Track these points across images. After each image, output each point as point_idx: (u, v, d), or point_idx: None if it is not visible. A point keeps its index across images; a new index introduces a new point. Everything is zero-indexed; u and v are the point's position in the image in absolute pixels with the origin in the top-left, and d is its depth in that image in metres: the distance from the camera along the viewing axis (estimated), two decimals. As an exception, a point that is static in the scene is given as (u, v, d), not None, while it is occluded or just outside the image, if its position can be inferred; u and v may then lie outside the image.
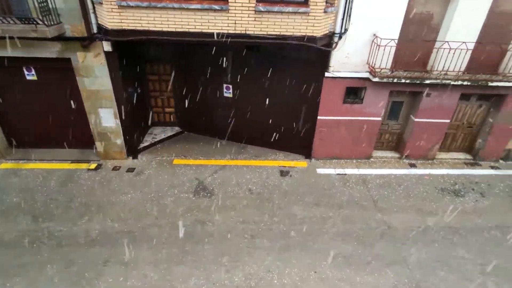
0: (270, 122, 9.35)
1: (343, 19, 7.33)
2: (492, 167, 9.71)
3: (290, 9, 6.34)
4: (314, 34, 6.71)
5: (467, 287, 6.01)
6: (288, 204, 7.82)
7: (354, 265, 6.34)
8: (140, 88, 9.49)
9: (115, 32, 6.67)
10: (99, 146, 8.85)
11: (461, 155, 10.13)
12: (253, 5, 6.28)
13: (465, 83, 8.11)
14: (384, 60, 7.88)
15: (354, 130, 9.15)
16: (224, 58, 8.65)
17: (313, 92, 8.54)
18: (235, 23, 6.50)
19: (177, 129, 10.67)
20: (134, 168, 8.83)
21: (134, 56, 8.85)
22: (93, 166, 8.82)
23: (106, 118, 8.44)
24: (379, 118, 9.04)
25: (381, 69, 7.96)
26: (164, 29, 6.58)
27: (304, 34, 6.65)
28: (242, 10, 6.31)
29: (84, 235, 6.70)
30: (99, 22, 7.05)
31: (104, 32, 6.98)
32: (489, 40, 8.01)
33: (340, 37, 7.60)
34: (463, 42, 7.61)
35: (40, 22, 6.42)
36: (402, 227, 7.32)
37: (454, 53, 7.78)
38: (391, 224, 7.38)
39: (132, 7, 6.34)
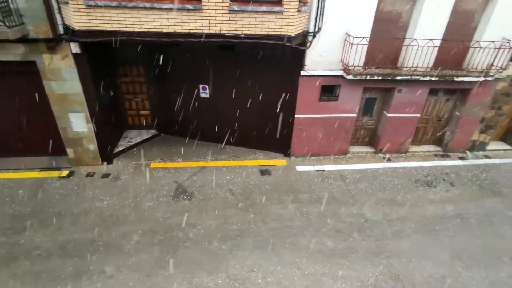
0: (248, 122, 9.34)
1: (316, 18, 7.44)
2: (460, 158, 10.24)
3: (264, 8, 6.35)
4: (289, 33, 6.77)
5: (440, 273, 6.29)
6: (269, 203, 7.85)
7: (336, 259, 6.47)
8: (113, 90, 9.18)
9: (83, 33, 6.40)
10: (71, 152, 8.48)
11: (432, 148, 10.60)
12: (227, 4, 6.23)
13: (433, 78, 8.48)
14: (357, 58, 8.08)
15: (331, 127, 9.33)
16: (200, 59, 8.54)
17: (290, 90, 8.62)
18: (210, 23, 6.42)
19: (153, 131, 10.42)
20: (110, 174, 8.53)
21: (105, 57, 8.55)
22: (65, 173, 8.44)
23: (77, 123, 8.09)
24: (354, 115, 9.27)
25: (354, 66, 8.16)
26: (136, 30, 6.39)
27: (279, 33, 6.69)
28: (216, 9, 6.25)
29: (57, 246, 6.39)
30: (65, 22, 6.73)
31: (72, 33, 6.68)
32: (453, 38, 8.42)
33: (314, 36, 7.71)
34: (430, 40, 7.95)
35: (1, 23, 6.04)
36: (380, 219, 7.55)
37: (422, 50, 8.12)
38: (369, 217, 7.59)
39: (100, 6, 6.10)
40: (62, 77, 7.42)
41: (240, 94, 8.95)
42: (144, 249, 6.42)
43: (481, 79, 8.74)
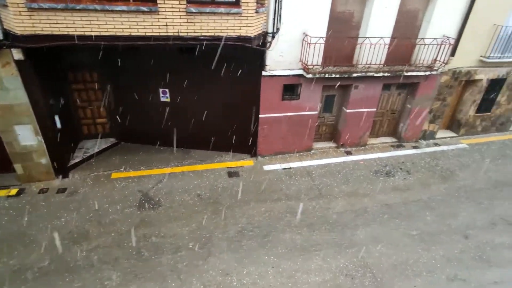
0: (212, 124, 9.22)
1: (274, 19, 7.56)
2: (413, 147, 11.00)
3: (222, 10, 6.30)
4: (248, 34, 6.79)
5: (403, 256, 6.71)
6: (239, 204, 7.83)
7: (308, 253, 6.62)
8: (65, 99, 8.55)
9: (26, 38, 5.88)
10: (19, 168, 7.76)
11: (388, 139, 11.27)
12: (184, 6, 6.09)
13: (386, 74, 9.01)
14: (315, 57, 8.34)
15: (295, 125, 9.54)
16: (158, 62, 8.26)
17: (253, 91, 8.66)
18: (167, 25, 6.24)
19: (112, 140, 9.89)
20: (66, 188, 7.95)
21: (55, 64, 7.94)
22: (13, 191, 7.71)
23: (25, 136, 7.42)
24: (316, 112, 9.56)
25: (313, 65, 8.41)
26: (87, 33, 6.01)
27: (238, 34, 6.69)
28: (173, 11, 6.08)
29: (11, 272, 5.81)
30: (5, 27, 6.14)
31: (13, 39, 6.10)
32: (401, 35, 9.02)
33: (273, 37, 7.82)
34: (381, 38, 8.44)
35: None
36: (346, 211, 7.87)
37: (374, 48, 8.58)
38: (336, 209, 7.88)
39: (45, 9, 5.65)
40: (4, 86, 6.76)
41: (202, 96, 8.81)
42: (112, 264, 6.07)
43: (427, 73, 9.45)
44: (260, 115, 9.04)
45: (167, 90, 8.87)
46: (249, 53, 7.88)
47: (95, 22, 5.91)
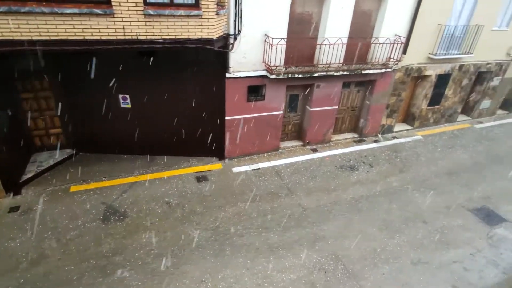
0: (177, 129, 9.00)
1: (235, 20, 7.55)
2: (374, 141, 11.57)
3: (182, 12, 6.17)
4: (210, 36, 6.71)
5: (371, 245, 7.02)
6: (210, 209, 7.71)
7: (281, 252, 6.69)
8: (12, 109, 7.85)
9: (-37, 45, 5.32)
10: (-38, 188, 7.02)
11: (350, 135, 11.75)
12: (142, 8, 5.88)
13: (345, 73, 9.38)
14: (278, 58, 8.46)
15: (261, 126, 9.60)
16: (117, 67, 7.87)
17: (217, 93, 8.58)
18: (124, 28, 5.97)
19: (69, 151, 9.26)
20: (19, 206, 7.32)
21: (-4, 71, 7.28)
22: (-44, 214, 6.95)
23: (-33, 152, 6.73)
24: (281, 112, 9.70)
25: (276, 66, 8.53)
26: (35, 38, 5.56)
27: (200, 36, 6.58)
28: (129, 14, 5.83)
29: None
30: None
31: None
32: (357, 35, 9.45)
33: (235, 38, 7.81)
34: (339, 38, 8.77)
35: None
36: (315, 206, 8.07)
37: (333, 48, 8.90)
38: (305, 206, 8.05)
39: (-16, 12, 5.15)
40: None
41: (166, 101, 8.56)
42: (78, 284, 5.68)
43: (383, 70, 9.99)
44: (226, 117, 8.98)
45: (127, 96, 8.50)
46: (211, 55, 7.80)
47: (43, 26, 5.49)
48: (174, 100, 8.57)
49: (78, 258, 6.17)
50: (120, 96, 8.48)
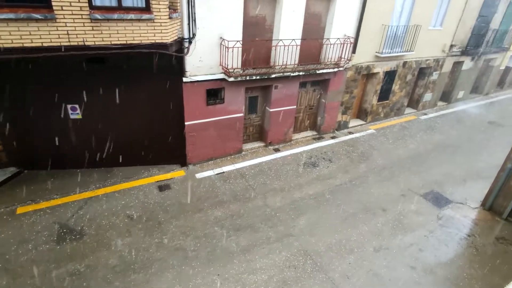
0: (135, 138, 8.62)
1: (189, 24, 7.42)
2: (332, 137, 12.06)
3: (132, 16, 5.92)
4: (164, 41, 6.53)
5: (336, 237, 7.31)
6: (175, 218, 7.48)
7: (251, 254, 6.69)
8: None
9: None
10: None
11: (309, 133, 12.13)
12: (87, 12, 5.54)
13: (301, 73, 9.67)
14: (235, 60, 8.47)
15: (222, 129, 9.54)
16: (64, 75, 7.33)
17: (175, 98, 8.37)
18: (68, 34, 5.58)
19: (12, 169, 8.42)
20: (-45, 236, 6.50)
21: None
22: None
23: None
24: (242, 114, 9.73)
25: (234, 69, 8.54)
26: (-37, 47, 5.00)
27: (153, 41, 6.37)
28: (74, 18, 5.47)
29: None
30: None
31: None
32: (310, 36, 9.79)
33: (190, 42, 7.68)
34: (293, 39, 9.02)
35: None
36: (281, 205, 8.20)
37: (288, 49, 9.13)
38: (272, 206, 8.14)
39: None
40: None
41: (120, 109, 8.15)
42: (30, 315, 5.19)
43: (335, 70, 10.46)
44: (186, 123, 8.79)
45: (76, 106, 7.95)
46: (167, 60, 7.59)
47: (-28, 33, 4.96)
48: (129, 107, 8.19)
49: (32, 285, 5.63)
50: (69, 106, 7.91)
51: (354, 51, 10.91)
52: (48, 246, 6.46)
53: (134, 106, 8.21)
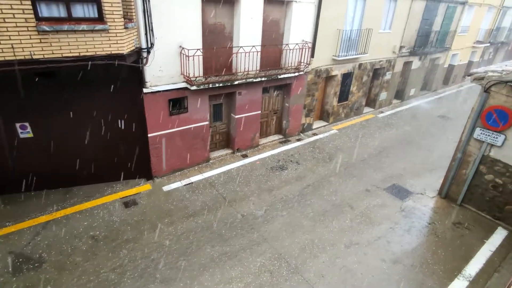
0: (95, 154, 8.18)
1: (146, 34, 7.24)
2: (297, 140, 12.33)
3: (84, 27, 5.65)
4: (120, 52, 6.29)
5: (308, 237, 7.43)
6: (143, 234, 7.18)
7: (224, 264, 6.59)
8: None
9: None
10: None
11: (276, 137, 12.30)
12: (34, 24, 5.20)
13: (263, 79, 9.81)
14: (196, 68, 8.39)
15: (188, 139, 9.37)
16: (12, 91, 6.77)
17: (136, 110, 8.09)
18: (13, 48, 5.20)
19: (-46, 198, 7.61)
20: None
21: None
22: None
23: None
24: (207, 122, 9.63)
25: (196, 77, 8.45)
26: None
27: (109, 52, 6.12)
28: (19, 31, 5.10)
29: None
30: None
31: None
32: (269, 43, 9.98)
33: (148, 52, 7.48)
34: (253, 46, 9.13)
35: None
36: (252, 211, 8.20)
37: (249, 56, 9.22)
38: (244, 212, 8.11)
39: None
40: None
41: (77, 125, 7.71)
42: None
43: (296, 74, 10.74)
44: (149, 135, 8.51)
45: (26, 124, 7.38)
46: (125, 71, 7.34)
47: None
48: (86, 122, 7.77)
49: (-16, 326, 5.10)
50: (18, 125, 7.33)
51: (312, 56, 11.29)
52: (2, 279, 5.89)
53: (91, 120, 7.81)
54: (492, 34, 21.66)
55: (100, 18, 5.83)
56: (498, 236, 7.78)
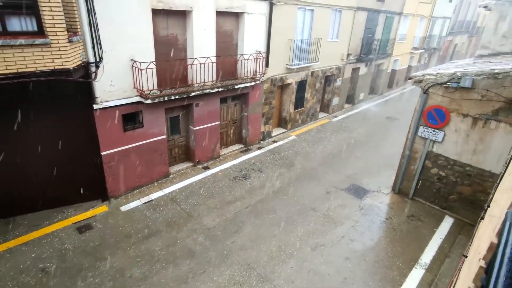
0: (40, 178, 7.51)
1: (94, 47, 6.88)
2: (258, 148, 12.44)
3: (22, 41, 5.21)
4: (66, 67, 5.89)
5: (276, 244, 7.47)
6: (101, 261, 6.68)
7: (194, 280, 6.36)
8: None
9: None
10: None
11: (237, 146, 12.30)
12: (-40, 39, 4.69)
13: (220, 89, 9.80)
14: (150, 81, 8.14)
15: (145, 154, 8.99)
16: None
17: (86, 128, 7.60)
18: None
19: None
20: None
21: None
22: None
23: None
24: (164, 136, 9.34)
25: (150, 90, 8.19)
26: None
27: (52, 68, 5.70)
28: None
29: None
30: None
31: None
32: (224, 53, 10.03)
33: (97, 66, 7.10)
34: (208, 57, 9.11)
35: None
36: (218, 223, 8.05)
37: (204, 67, 9.17)
38: (209, 225, 7.94)
39: None
40: None
41: (19, 147, 7.03)
42: None
43: (252, 83, 10.90)
44: (102, 153, 8.03)
45: (-43, 150, 6.58)
46: (73, 87, 6.89)
47: None
48: (31, 144, 7.12)
49: None
50: None
51: (267, 65, 11.55)
52: None
53: (37, 141, 7.17)
54: (425, 41, 23.96)
55: (40, 32, 5.43)
56: (446, 224, 8.48)
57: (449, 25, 26.67)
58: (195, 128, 10.09)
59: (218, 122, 10.83)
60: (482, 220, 4.41)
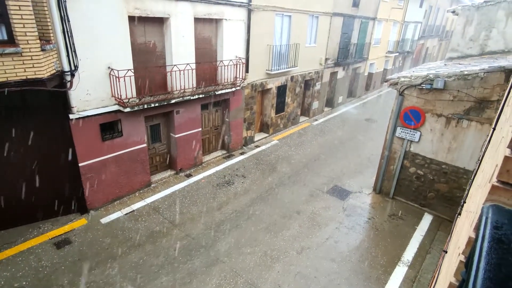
0: (15, 192, 7.15)
1: (68, 55, 6.68)
2: (241, 154, 12.41)
3: (-10, 50, 5.00)
4: (39, 76, 5.70)
5: (262, 249, 7.45)
6: (81, 277, 6.42)
7: (180, 292, 6.24)
8: None
9: None
10: None
11: (219, 153, 12.23)
12: None
13: (200, 95, 9.74)
14: (128, 89, 7.98)
15: (125, 164, 8.77)
16: None
17: (62, 138, 7.34)
18: None
19: None
20: None
21: None
22: None
23: None
24: (144, 145, 9.15)
25: (129, 98, 8.02)
26: None
27: (24, 77, 5.49)
28: None
29: None
30: None
31: None
32: (203, 60, 10.00)
33: (72, 75, 6.90)
34: (187, 64, 9.05)
35: None
36: (203, 231, 7.94)
37: (184, 74, 9.10)
38: (193, 234, 7.81)
39: None
40: None
41: (-13, 161, 6.69)
42: None
43: (233, 89, 10.91)
44: (80, 164, 7.77)
45: None
46: (47, 96, 6.65)
47: None
48: (3, 157, 6.79)
49: None
50: None
51: (247, 71, 11.60)
52: None
53: (9, 154, 6.84)
54: (399, 44, 24.87)
55: (11, 40, 5.23)
56: (426, 221, 8.75)
57: (421, 29, 27.83)
58: (176, 136, 9.95)
59: (200, 129, 10.75)
60: (459, 216, 4.58)
